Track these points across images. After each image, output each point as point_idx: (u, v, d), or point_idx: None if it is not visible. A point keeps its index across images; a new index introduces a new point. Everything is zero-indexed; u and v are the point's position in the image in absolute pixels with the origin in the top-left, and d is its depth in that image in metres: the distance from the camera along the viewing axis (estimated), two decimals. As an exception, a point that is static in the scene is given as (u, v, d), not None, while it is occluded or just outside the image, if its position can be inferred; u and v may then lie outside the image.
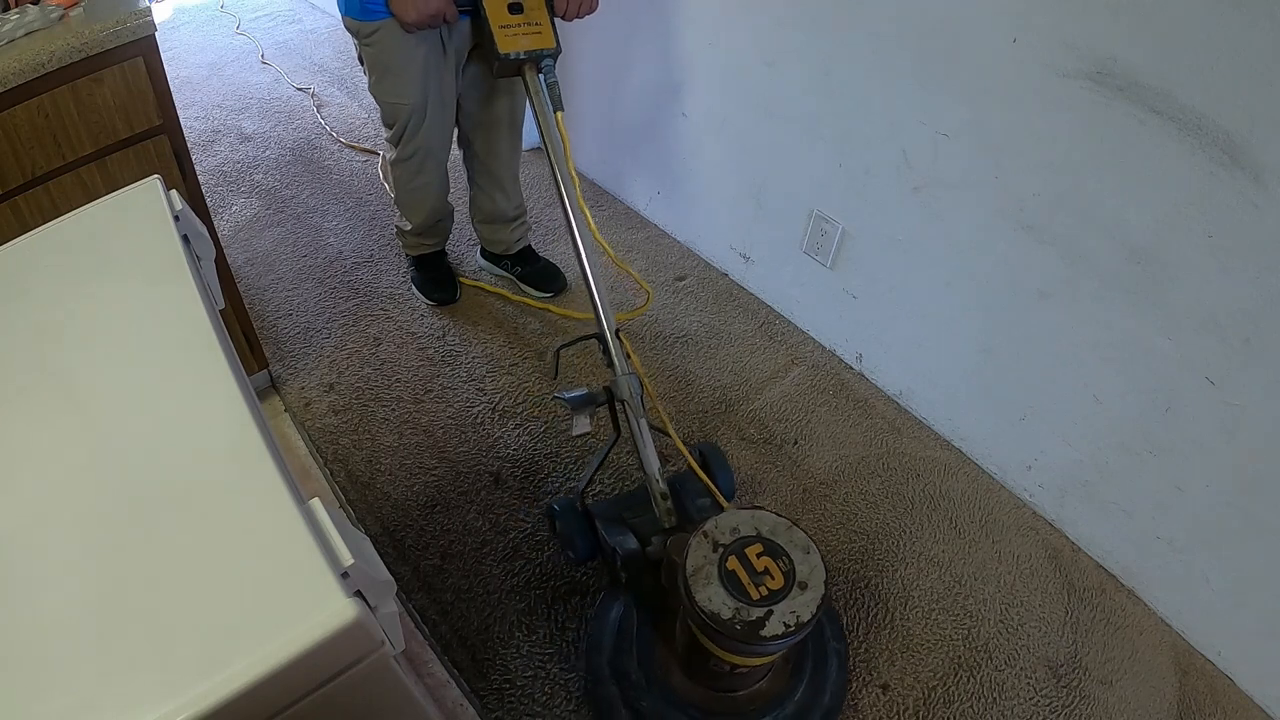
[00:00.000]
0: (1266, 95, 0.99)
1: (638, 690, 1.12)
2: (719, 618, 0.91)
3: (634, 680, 1.12)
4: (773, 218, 1.83)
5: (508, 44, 1.39)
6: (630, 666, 1.14)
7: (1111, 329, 1.30)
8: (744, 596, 0.92)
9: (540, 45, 1.41)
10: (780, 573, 0.94)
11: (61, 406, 0.69)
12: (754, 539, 0.97)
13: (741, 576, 0.94)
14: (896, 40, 1.38)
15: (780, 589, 0.93)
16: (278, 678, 0.50)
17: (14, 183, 1.18)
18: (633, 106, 2.06)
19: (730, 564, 0.95)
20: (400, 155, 1.66)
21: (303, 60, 2.85)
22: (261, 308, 1.91)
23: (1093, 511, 1.47)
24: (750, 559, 0.95)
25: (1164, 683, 1.34)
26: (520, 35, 1.40)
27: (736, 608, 0.91)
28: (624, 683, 1.13)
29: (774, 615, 0.91)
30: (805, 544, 0.97)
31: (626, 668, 1.14)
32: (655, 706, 1.11)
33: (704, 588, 0.93)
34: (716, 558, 0.95)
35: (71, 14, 1.20)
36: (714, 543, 0.96)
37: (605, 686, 1.15)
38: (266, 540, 0.57)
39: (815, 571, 0.95)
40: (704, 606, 0.92)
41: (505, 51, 1.39)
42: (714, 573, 0.94)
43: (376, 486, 1.56)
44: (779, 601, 0.92)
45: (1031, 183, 1.30)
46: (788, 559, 0.95)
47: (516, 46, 1.39)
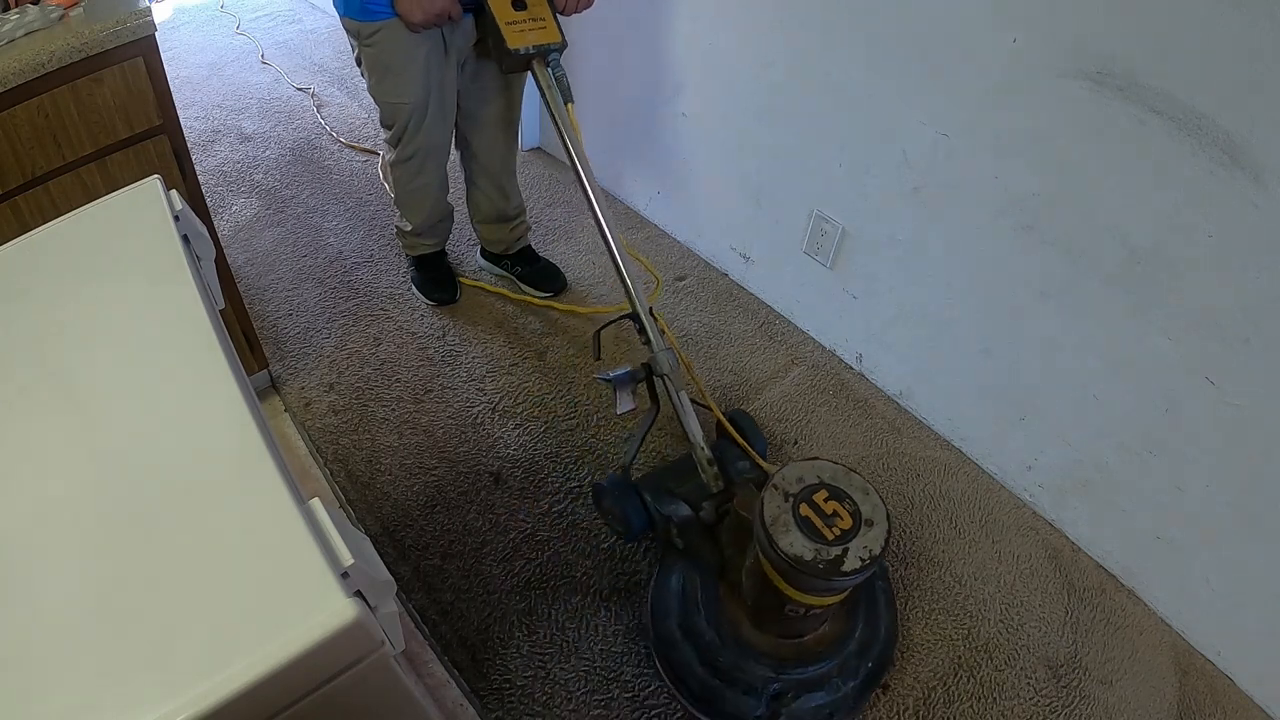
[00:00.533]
0: (1266, 95, 0.99)
1: (712, 648, 1.17)
2: (803, 560, 0.98)
3: (707, 639, 1.18)
4: (773, 218, 1.83)
5: (517, 39, 1.40)
6: (701, 626, 1.19)
7: (1111, 329, 1.30)
8: (820, 538, 1.00)
9: (547, 40, 1.43)
10: (848, 513, 1.02)
11: (62, 406, 0.69)
12: (819, 486, 1.05)
13: (815, 521, 1.01)
14: (897, 40, 1.38)
15: (851, 528, 1.01)
16: (278, 678, 0.50)
17: (14, 183, 1.18)
18: (633, 106, 2.06)
19: (803, 511, 1.02)
20: (400, 156, 1.65)
21: (303, 60, 2.86)
22: (261, 308, 1.91)
23: (1093, 511, 1.47)
24: (819, 504, 1.03)
25: (1164, 683, 1.34)
26: (527, 31, 1.42)
27: (816, 549, 0.99)
28: (698, 642, 1.18)
29: (850, 552, 0.99)
30: (864, 486, 1.05)
31: (697, 628, 1.19)
32: (731, 660, 1.16)
33: (784, 535, 1.00)
34: (789, 506, 1.03)
35: (71, 14, 1.20)
36: (784, 493, 1.04)
37: (679, 649, 1.19)
38: (266, 540, 0.57)
39: (877, 509, 1.03)
40: (787, 552, 0.99)
41: (515, 47, 1.40)
42: (790, 520, 1.01)
43: (376, 486, 1.56)
44: (852, 539, 1.00)
45: (1031, 183, 1.30)
46: (851, 500, 1.03)
47: (525, 41, 1.41)
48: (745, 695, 1.14)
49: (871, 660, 1.20)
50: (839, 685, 1.16)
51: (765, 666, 1.15)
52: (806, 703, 1.15)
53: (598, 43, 2.05)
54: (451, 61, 1.54)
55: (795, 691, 1.14)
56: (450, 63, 1.54)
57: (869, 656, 1.19)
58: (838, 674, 1.17)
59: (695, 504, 1.29)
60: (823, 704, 1.15)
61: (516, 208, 1.90)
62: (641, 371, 1.33)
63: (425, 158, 1.66)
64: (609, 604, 1.39)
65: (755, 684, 1.14)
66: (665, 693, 1.28)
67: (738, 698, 1.14)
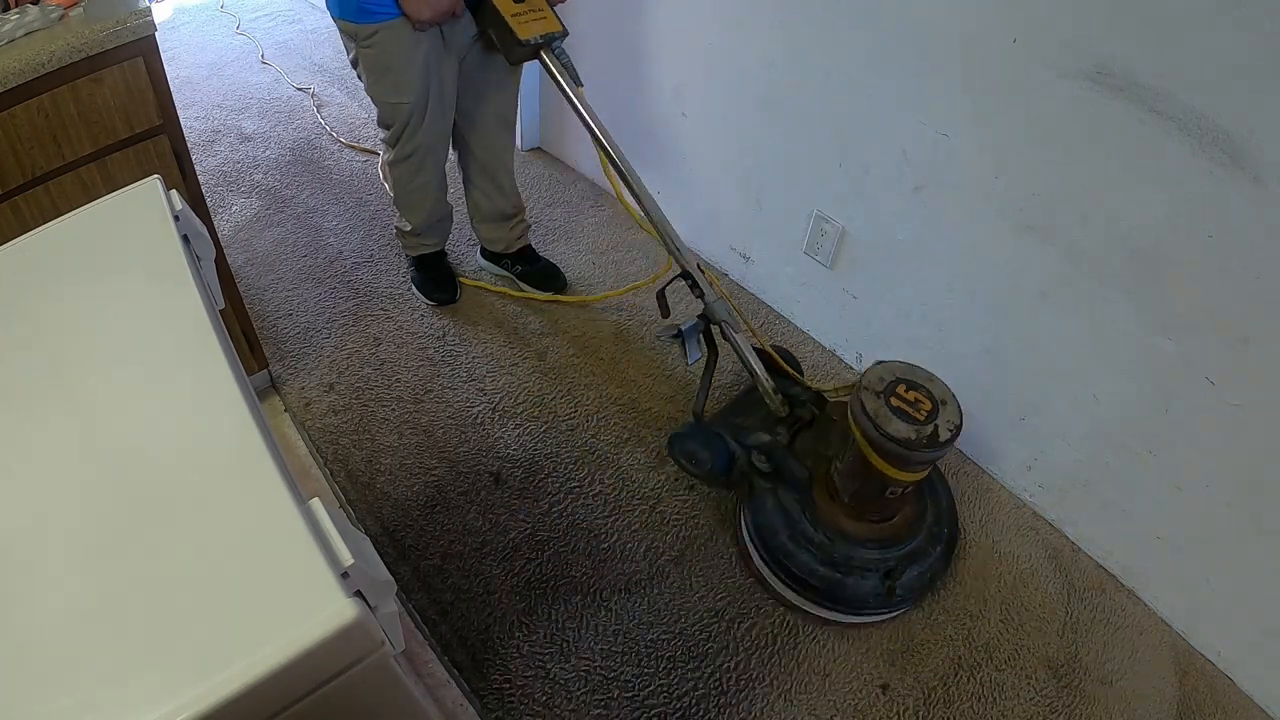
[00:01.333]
0: (1266, 95, 0.99)
1: (825, 547, 1.32)
2: (908, 439, 1.16)
3: (818, 541, 1.32)
4: (773, 218, 1.83)
5: (525, 30, 1.44)
6: (809, 532, 1.33)
7: (1111, 329, 1.30)
8: (915, 421, 1.18)
9: (551, 29, 1.48)
10: (926, 398, 1.21)
11: (61, 406, 0.69)
12: (898, 381, 1.23)
13: (906, 408, 1.19)
14: (896, 40, 1.38)
15: (933, 409, 1.19)
16: (278, 678, 0.50)
17: (14, 183, 1.18)
18: (633, 106, 2.06)
19: (894, 402, 1.20)
20: (399, 155, 1.65)
21: (303, 60, 2.86)
22: (261, 308, 1.91)
23: (1093, 511, 1.47)
24: (903, 395, 1.21)
25: (1164, 683, 1.34)
26: (531, 22, 1.45)
27: (914, 429, 1.17)
28: (811, 546, 1.32)
29: (939, 426, 1.17)
30: (928, 375, 1.24)
31: (806, 534, 1.33)
32: (845, 553, 1.31)
33: (888, 423, 1.18)
34: (883, 401, 1.20)
35: (71, 14, 1.20)
36: (875, 392, 1.22)
37: (796, 557, 1.32)
38: (266, 540, 0.57)
39: (945, 391, 1.22)
40: (895, 435, 1.16)
41: (526, 37, 1.44)
42: (888, 411, 1.19)
43: (376, 486, 1.56)
44: (937, 417, 1.18)
45: (1031, 182, 1.30)
46: (925, 388, 1.22)
47: (533, 32, 1.45)
48: (863, 579, 1.30)
49: (946, 527, 1.39)
50: (931, 552, 1.34)
51: (874, 550, 1.31)
52: (912, 573, 1.31)
53: (598, 43, 2.05)
54: (451, 58, 1.54)
55: (901, 566, 1.31)
56: (450, 59, 1.54)
57: (944, 524, 1.39)
58: (928, 543, 1.35)
59: (769, 430, 1.46)
60: (924, 570, 1.33)
61: (515, 206, 1.90)
62: (702, 323, 1.47)
63: (425, 156, 1.66)
64: (609, 604, 1.39)
65: (870, 567, 1.30)
66: (665, 692, 1.28)
67: (858, 583, 1.30)
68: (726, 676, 1.31)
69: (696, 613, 1.38)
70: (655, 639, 1.35)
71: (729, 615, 1.38)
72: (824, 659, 1.33)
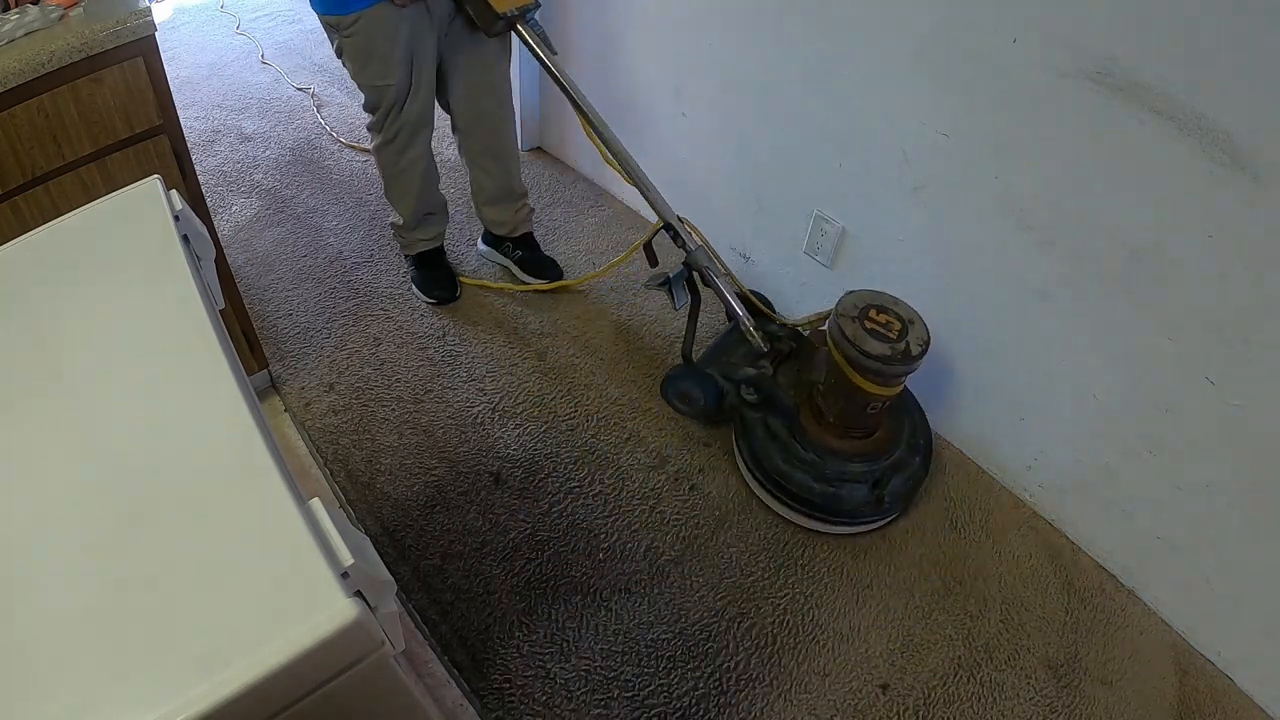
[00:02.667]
0: (1266, 95, 0.99)
1: (817, 465, 1.43)
2: (885, 356, 1.28)
3: (810, 460, 1.44)
4: (773, 218, 1.83)
5: (502, 3, 1.50)
6: (800, 453, 1.45)
7: (1111, 329, 1.30)
8: (889, 339, 1.30)
9: (525, 1, 1.53)
10: (896, 319, 1.33)
11: (61, 407, 0.69)
12: (869, 306, 1.35)
13: (879, 330, 1.31)
14: (897, 40, 1.38)
15: (903, 328, 1.32)
16: (278, 678, 0.50)
17: (14, 183, 1.18)
18: (633, 106, 2.06)
19: (868, 325, 1.32)
20: (385, 137, 1.68)
21: (303, 60, 2.85)
22: (261, 308, 1.91)
23: (1093, 511, 1.47)
24: (875, 318, 1.33)
25: (1164, 683, 1.34)
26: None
27: (890, 344, 1.29)
28: (805, 465, 1.44)
29: (910, 342, 1.30)
30: (894, 299, 1.36)
31: (798, 455, 1.45)
32: (836, 469, 1.42)
33: (866, 342, 1.30)
34: (858, 324, 1.32)
35: (71, 14, 1.20)
36: (850, 317, 1.33)
37: (792, 477, 1.44)
38: (266, 540, 0.57)
39: (911, 312, 1.35)
40: (873, 353, 1.29)
41: (503, 11, 1.50)
42: (863, 333, 1.31)
43: (376, 486, 1.56)
44: (908, 335, 1.31)
45: (1031, 182, 1.30)
46: (893, 311, 1.34)
47: (509, 5, 1.51)
48: (855, 490, 1.42)
49: (922, 437, 1.51)
50: (911, 461, 1.46)
51: (861, 463, 1.43)
52: (897, 481, 1.43)
53: (598, 43, 2.05)
54: (431, 34, 1.56)
55: (887, 475, 1.42)
56: (430, 35, 1.56)
57: (919, 435, 1.51)
58: (908, 452, 1.46)
59: (754, 365, 1.58)
60: (908, 477, 1.45)
61: (520, 186, 1.91)
62: (686, 270, 1.56)
63: (411, 135, 1.68)
64: (609, 604, 1.39)
65: (860, 479, 1.42)
66: (665, 692, 1.28)
67: (851, 493, 1.42)
68: (726, 676, 1.31)
69: (696, 613, 1.39)
70: (655, 639, 1.35)
71: (729, 615, 1.38)
72: (824, 659, 1.33)
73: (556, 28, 2.11)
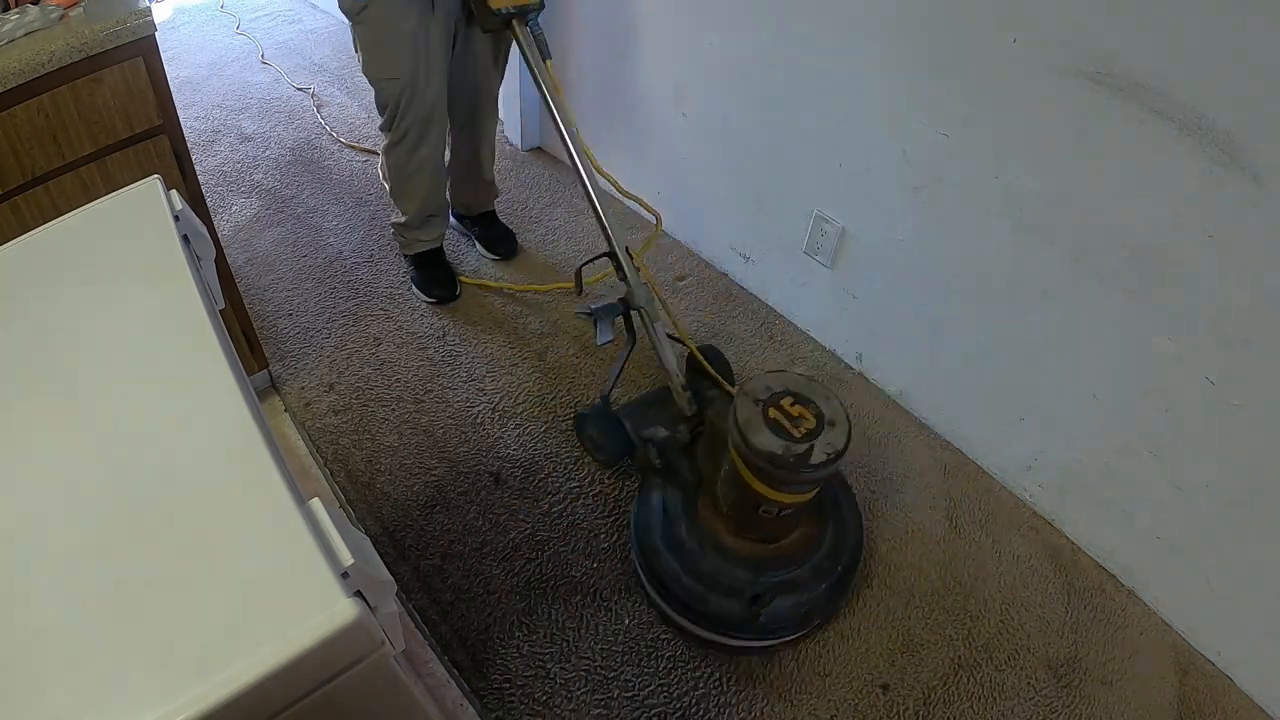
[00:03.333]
0: (1266, 95, 0.99)
1: (694, 556, 1.27)
2: (775, 455, 1.09)
3: (689, 548, 1.28)
4: (773, 218, 1.83)
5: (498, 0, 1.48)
6: (683, 537, 1.29)
7: (1112, 329, 1.30)
8: (789, 436, 1.11)
9: (526, 1, 1.51)
10: (812, 415, 1.14)
11: (61, 407, 0.69)
12: (785, 393, 1.17)
13: (783, 422, 1.13)
14: (897, 40, 1.38)
15: (815, 428, 1.13)
16: (278, 678, 0.50)
17: (14, 183, 1.18)
18: (633, 106, 2.06)
19: (771, 414, 1.14)
20: (394, 138, 1.68)
21: (303, 60, 2.85)
22: (261, 308, 1.91)
23: (1093, 511, 1.47)
24: (786, 408, 1.14)
25: (1164, 683, 1.34)
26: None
27: (785, 445, 1.10)
28: (681, 552, 1.28)
29: (816, 447, 1.10)
30: (825, 393, 1.17)
31: (680, 538, 1.29)
32: (713, 566, 1.26)
33: (756, 434, 1.11)
34: (759, 410, 1.14)
35: (71, 14, 1.20)
36: (754, 399, 1.15)
37: (663, 559, 1.28)
38: (266, 540, 0.57)
39: (838, 411, 1.15)
40: (760, 448, 1.10)
41: (497, 7, 1.47)
42: (760, 422, 1.12)
43: (376, 486, 1.56)
44: (817, 437, 1.11)
45: (1031, 182, 1.30)
46: (815, 405, 1.15)
47: (506, 2, 1.48)
48: (728, 599, 1.23)
49: (842, 563, 1.29)
50: (813, 586, 1.26)
51: (744, 570, 1.25)
52: (784, 603, 1.23)
53: (598, 43, 2.05)
54: (440, 29, 1.56)
55: (773, 593, 1.23)
56: (439, 30, 1.56)
57: (840, 559, 1.29)
58: (811, 575, 1.26)
59: (671, 427, 1.41)
60: (799, 603, 1.24)
61: (488, 174, 1.96)
62: (620, 306, 1.42)
63: (419, 137, 1.68)
64: (609, 604, 1.39)
65: (737, 587, 1.23)
66: (665, 692, 1.28)
67: (721, 601, 1.23)
68: (727, 676, 1.31)
69: (696, 613, 1.39)
70: (655, 639, 1.35)
71: (729, 615, 1.38)
72: (824, 659, 1.33)
73: (557, 28, 2.11)
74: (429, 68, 1.58)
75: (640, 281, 1.43)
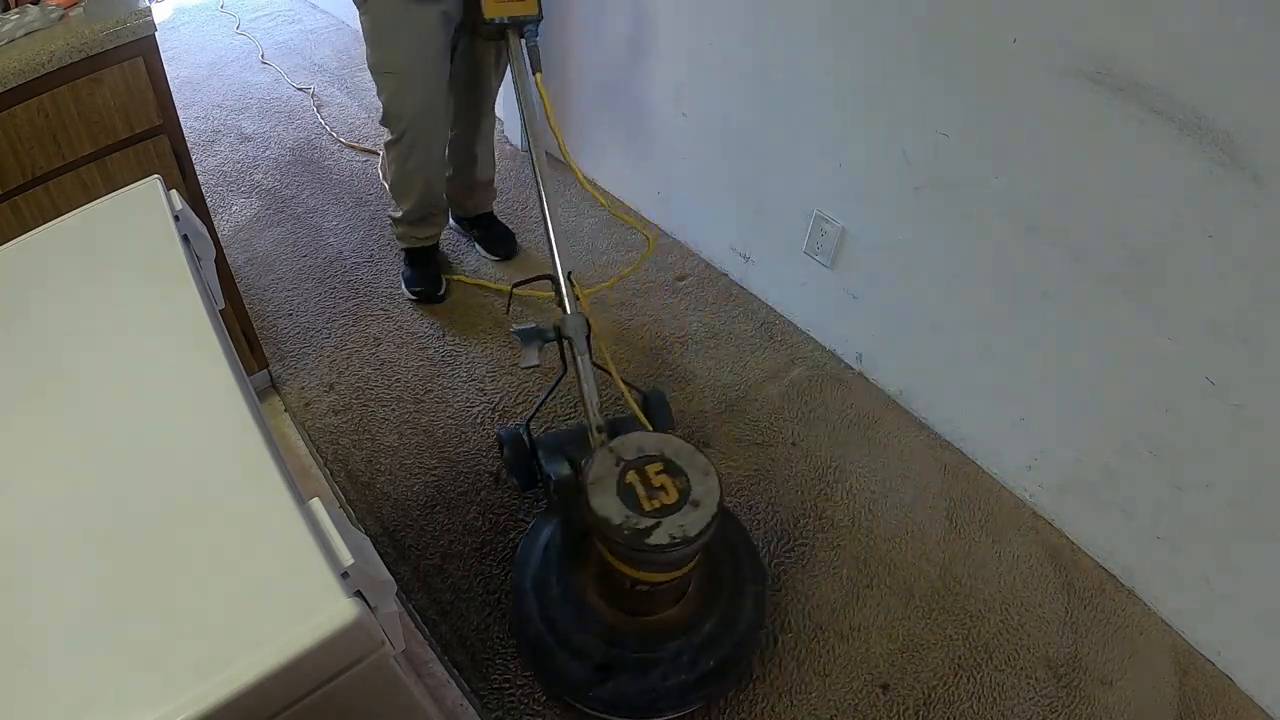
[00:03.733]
0: (1266, 95, 0.99)
1: (554, 605, 1.19)
2: (609, 523, 0.97)
3: (552, 595, 1.19)
4: (773, 218, 1.83)
5: (493, 9, 1.45)
6: (550, 582, 1.21)
7: (1112, 329, 1.30)
8: (636, 507, 0.98)
9: (525, 11, 1.47)
10: (676, 490, 1.00)
11: (61, 406, 0.69)
12: (656, 458, 1.03)
13: (638, 490, 1.00)
14: (897, 40, 1.38)
15: (673, 504, 0.99)
16: (278, 678, 0.50)
17: (14, 183, 1.18)
18: (633, 106, 2.06)
19: (629, 478, 1.01)
20: (393, 136, 1.69)
21: (303, 60, 2.85)
22: (261, 308, 1.91)
23: (1093, 511, 1.47)
24: (649, 475, 1.02)
25: (1164, 683, 1.34)
26: (506, 1, 1.45)
27: (627, 515, 0.97)
28: (543, 597, 1.20)
29: (661, 527, 0.96)
30: (706, 468, 1.03)
31: (547, 583, 1.21)
32: (567, 622, 1.17)
33: (599, 495, 0.99)
34: (618, 470, 1.02)
35: (71, 14, 1.20)
36: (618, 458, 1.03)
37: (524, 600, 1.22)
38: (266, 540, 0.57)
39: (710, 494, 1.00)
40: (597, 511, 0.98)
41: (490, 17, 1.45)
42: (612, 483, 1.00)
43: (376, 486, 1.56)
44: (669, 515, 0.98)
45: (1032, 182, 1.30)
46: (686, 479, 1.02)
47: (502, 12, 1.45)
48: (573, 659, 1.14)
49: (715, 659, 1.15)
50: (670, 675, 1.13)
51: (598, 636, 1.15)
52: (632, 683, 1.12)
53: (598, 43, 2.05)
54: (441, 29, 1.55)
55: (624, 668, 1.12)
56: (439, 31, 1.55)
57: (714, 654, 1.15)
58: (670, 663, 1.14)
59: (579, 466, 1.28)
60: (649, 689, 1.12)
61: (486, 177, 1.96)
62: (551, 332, 1.34)
63: (416, 137, 1.68)
64: (609, 604, 1.39)
65: (585, 650, 1.14)
66: (665, 693, 1.28)
67: (566, 659, 1.15)
68: (726, 676, 1.30)
69: (696, 613, 1.38)
70: (655, 639, 1.34)
71: (729, 615, 1.38)
72: (824, 659, 1.33)
73: (557, 28, 2.12)
74: (426, 65, 1.58)
75: (576, 311, 1.35)
